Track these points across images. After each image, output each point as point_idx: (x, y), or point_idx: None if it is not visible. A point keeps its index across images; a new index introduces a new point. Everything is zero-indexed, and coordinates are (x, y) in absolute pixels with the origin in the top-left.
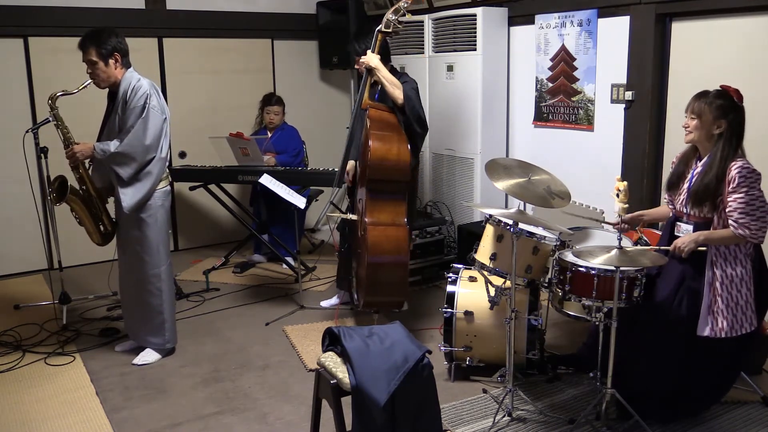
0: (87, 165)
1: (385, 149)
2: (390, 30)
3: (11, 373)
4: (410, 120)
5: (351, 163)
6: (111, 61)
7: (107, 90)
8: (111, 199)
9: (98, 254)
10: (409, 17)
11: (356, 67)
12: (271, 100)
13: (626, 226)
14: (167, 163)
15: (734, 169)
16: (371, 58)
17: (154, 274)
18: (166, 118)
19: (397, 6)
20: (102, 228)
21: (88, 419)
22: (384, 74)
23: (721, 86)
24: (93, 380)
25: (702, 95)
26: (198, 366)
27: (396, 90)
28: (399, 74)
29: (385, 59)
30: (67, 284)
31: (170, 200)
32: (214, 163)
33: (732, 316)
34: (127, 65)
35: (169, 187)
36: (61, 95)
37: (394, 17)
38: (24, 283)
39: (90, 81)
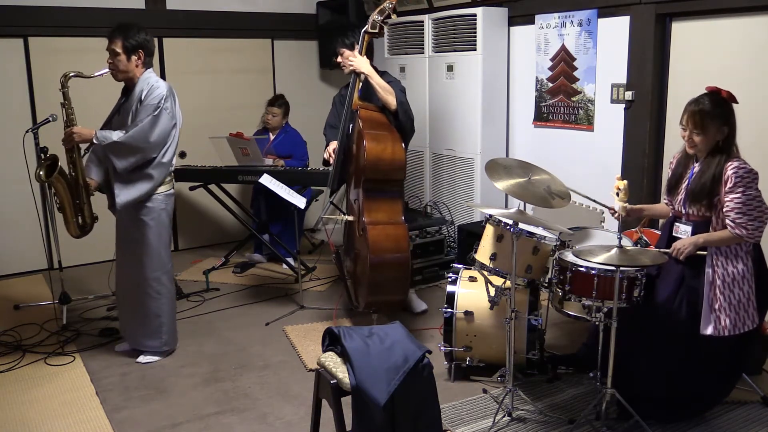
0: (82, 152)
1: (380, 149)
2: (376, 31)
3: (11, 373)
4: (402, 124)
5: (333, 143)
6: (134, 57)
7: (123, 84)
8: (107, 199)
9: (98, 254)
10: (394, 18)
11: (340, 62)
12: (272, 101)
13: (624, 215)
14: (171, 168)
15: (730, 170)
16: (362, 64)
17: (155, 278)
18: (176, 124)
19: (382, 7)
20: (80, 220)
21: (88, 419)
22: (377, 80)
23: (708, 89)
24: (93, 380)
25: (697, 104)
26: (198, 366)
27: (389, 96)
28: (380, 73)
29: (369, 59)
30: (67, 284)
31: (173, 203)
32: (214, 163)
33: (735, 314)
34: (148, 65)
35: (172, 190)
36: (74, 76)
37: (380, 18)
38: (24, 283)
39: (107, 70)
